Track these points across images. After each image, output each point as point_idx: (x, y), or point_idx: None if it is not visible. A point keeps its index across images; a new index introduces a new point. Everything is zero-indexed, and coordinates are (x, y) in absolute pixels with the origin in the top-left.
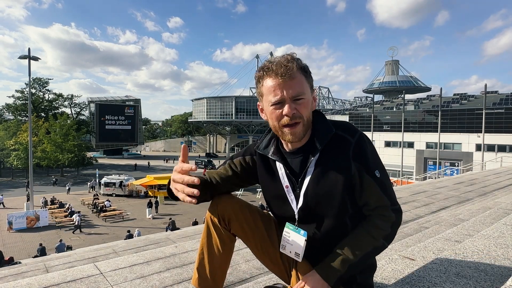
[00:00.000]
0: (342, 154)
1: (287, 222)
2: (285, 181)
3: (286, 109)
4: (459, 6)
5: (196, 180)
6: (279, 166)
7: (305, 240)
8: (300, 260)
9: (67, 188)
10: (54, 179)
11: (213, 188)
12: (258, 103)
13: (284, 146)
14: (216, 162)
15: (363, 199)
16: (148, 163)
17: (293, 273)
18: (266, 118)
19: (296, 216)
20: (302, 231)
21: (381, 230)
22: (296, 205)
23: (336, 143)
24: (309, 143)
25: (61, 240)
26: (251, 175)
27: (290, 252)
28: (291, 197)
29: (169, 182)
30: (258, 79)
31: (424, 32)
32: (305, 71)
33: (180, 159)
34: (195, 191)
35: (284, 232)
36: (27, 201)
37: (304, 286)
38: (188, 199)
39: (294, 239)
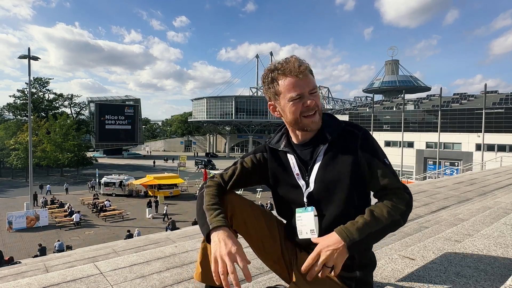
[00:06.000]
0: (350, 145)
1: (296, 209)
2: (295, 169)
3: (308, 101)
4: (470, 4)
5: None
6: (290, 157)
7: (315, 214)
8: (316, 236)
9: (65, 188)
10: None
11: (224, 190)
12: (269, 102)
13: (294, 140)
14: (216, 162)
15: (380, 183)
16: (178, 163)
17: (294, 270)
18: (278, 115)
19: (305, 200)
20: (309, 207)
21: (399, 206)
22: (305, 191)
23: (344, 135)
24: (318, 135)
25: (58, 240)
26: (261, 172)
27: (306, 233)
28: (301, 182)
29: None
30: (272, 79)
31: (432, 31)
32: (311, 71)
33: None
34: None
35: (296, 219)
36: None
37: (321, 252)
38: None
39: (305, 218)
